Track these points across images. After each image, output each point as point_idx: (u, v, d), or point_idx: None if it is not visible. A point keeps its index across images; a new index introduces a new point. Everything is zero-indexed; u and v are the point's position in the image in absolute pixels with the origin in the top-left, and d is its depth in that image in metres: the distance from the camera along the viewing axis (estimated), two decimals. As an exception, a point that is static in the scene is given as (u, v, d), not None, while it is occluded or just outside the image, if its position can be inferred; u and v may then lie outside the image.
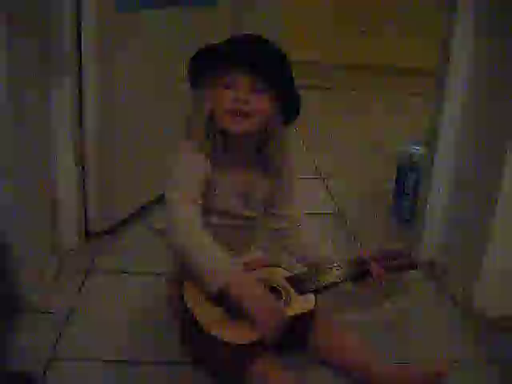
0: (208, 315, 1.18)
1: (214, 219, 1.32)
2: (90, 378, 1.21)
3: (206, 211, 1.30)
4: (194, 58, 1.25)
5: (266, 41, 1.23)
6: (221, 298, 1.17)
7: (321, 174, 2.48)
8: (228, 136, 1.27)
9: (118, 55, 1.67)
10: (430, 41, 2.57)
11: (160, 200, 1.32)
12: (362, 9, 4.03)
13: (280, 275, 1.32)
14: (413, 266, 1.46)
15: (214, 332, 1.15)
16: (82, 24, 1.53)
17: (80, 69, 1.57)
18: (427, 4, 3.81)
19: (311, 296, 1.28)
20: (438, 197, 1.69)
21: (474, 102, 1.55)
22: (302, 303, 1.26)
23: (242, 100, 1.21)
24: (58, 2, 1.44)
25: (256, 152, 1.32)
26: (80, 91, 1.59)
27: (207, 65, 1.24)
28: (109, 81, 1.66)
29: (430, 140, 1.70)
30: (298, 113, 1.31)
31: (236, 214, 1.33)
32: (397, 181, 2.08)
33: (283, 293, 1.28)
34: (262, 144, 1.31)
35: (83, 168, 1.66)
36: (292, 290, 1.28)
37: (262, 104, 1.24)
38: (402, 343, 1.39)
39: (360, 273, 1.36)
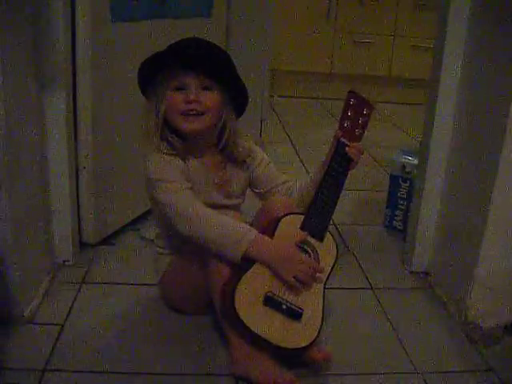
0: None
1: None
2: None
3: None
4: (141, 69, 1.32)
5: (206, 42, 1.32)
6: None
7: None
8: (185, 136, 1.34)
9: (111, 64, 1.68)
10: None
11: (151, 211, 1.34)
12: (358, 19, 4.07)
13: (294, 226, 1.30)
14: (370, 107, 1.38)
15: None
16: (77, 33, 1.55)
17: (74, 79, 1.58)
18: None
19: (332, 244, 1.33)
20: (429, 208, 1.70)
21: (466, 113, 1.57)
22: (326, 257, 1.31)
23: (193, 100, 1.29)
24: (53, 11, 1.45)
25: (218, 148, 1.39)
26: (74, 102, 1.60)
27: (155, 73, 1.31)
28: (103, 91, 1.67)
29: (423, 150, 1.71)
30: (246, 104, 1.38)
31: (218, 205, 1.39)
32: (390, 190, 2.09)
33: (308, 249, 1.29)
34: (219, 139, 1.38)
35: (77, 180, 1.67)
36: (313, 240, 1.30)
37: (212, 100, 1.31)
38: (395, 353, 1.39)
39: (343, 164, 1.34)
